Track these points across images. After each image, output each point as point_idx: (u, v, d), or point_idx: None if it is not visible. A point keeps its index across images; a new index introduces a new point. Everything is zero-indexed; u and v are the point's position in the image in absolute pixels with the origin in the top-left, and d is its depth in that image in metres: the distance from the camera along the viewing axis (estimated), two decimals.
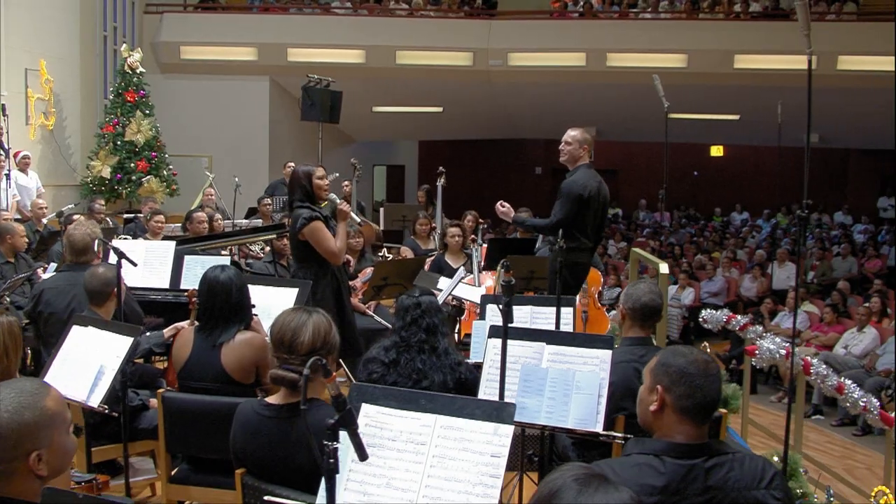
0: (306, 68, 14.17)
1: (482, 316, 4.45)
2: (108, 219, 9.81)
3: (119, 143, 13.34)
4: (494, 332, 3.39)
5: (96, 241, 4.84)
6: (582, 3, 16.33)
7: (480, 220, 10.88)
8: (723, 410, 3.61)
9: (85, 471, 3.87)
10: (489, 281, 7.48)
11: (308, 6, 16.65)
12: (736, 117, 17.05)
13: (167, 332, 4.63)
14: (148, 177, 13.27)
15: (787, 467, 3.99)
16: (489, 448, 2.29)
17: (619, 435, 3.06)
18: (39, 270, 7.49)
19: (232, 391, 3.61)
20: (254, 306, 3.99)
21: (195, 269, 5.57)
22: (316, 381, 2.79)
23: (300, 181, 5.06)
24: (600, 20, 16.02)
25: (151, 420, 4.04)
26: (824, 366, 5.05)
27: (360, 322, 6.84)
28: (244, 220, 10.10)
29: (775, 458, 4.75)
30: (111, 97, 13.71)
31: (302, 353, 2.74)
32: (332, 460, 1.98)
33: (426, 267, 8.24)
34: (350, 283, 7.23)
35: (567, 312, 4.33)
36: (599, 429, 3.04)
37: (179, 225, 9.55)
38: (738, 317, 6.12)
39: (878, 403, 4.87)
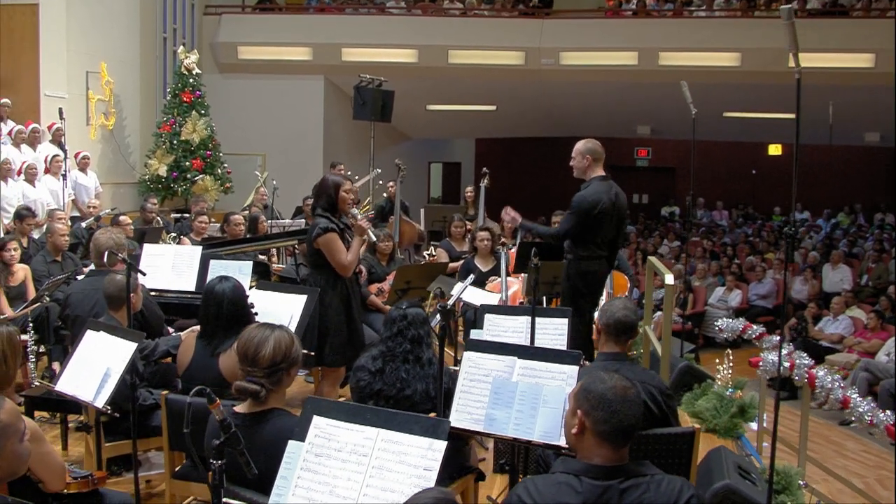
0: (360, 67, 14.43)
1: (480, 325, 4.57)
2: (158, 218, 10.15)
3: (175, 142, 13.78)
4: (471, 345, 3.53)
5: (117, 249, 5.09)
6: (636, 1, 16.26)
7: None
8: (697, 426, 3.69)
9: (95, 465, 4.13)
10: (516, 286, 7.61)
11: (363, 6, 16.90)
12: (792, 116, 16.78)
13: (184, 334, 4.87)
14: (202, 175, 13.67)
15: (772, 482, 4.02)
16: (423, 462, 2.45)
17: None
18: (85, 269, 7.89)
19: (229, 394, 3.81)
20: (256, 314, 4.19)
21: (219, 273, 5.80)
22: (278, 391, 2.98)
23: (327, 190, 5.20)
24: (652, 18, 15.94)
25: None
26: (830, 378, 5.04)
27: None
28: (287, 221, 10.36)
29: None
30: (168, 97, 14.14)
31: (263, 366, 2.93)
32: (217, 478, 2.15)
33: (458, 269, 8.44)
34: (379, 284, 7.44)
35: (562, 323, 4.43)
36: (563, 442, 3.15)
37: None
38: (754, 326, 6.11)
39: (885, 418, 4.85)
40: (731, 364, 6.84)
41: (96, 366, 3.78)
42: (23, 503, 2.41)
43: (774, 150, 20.82)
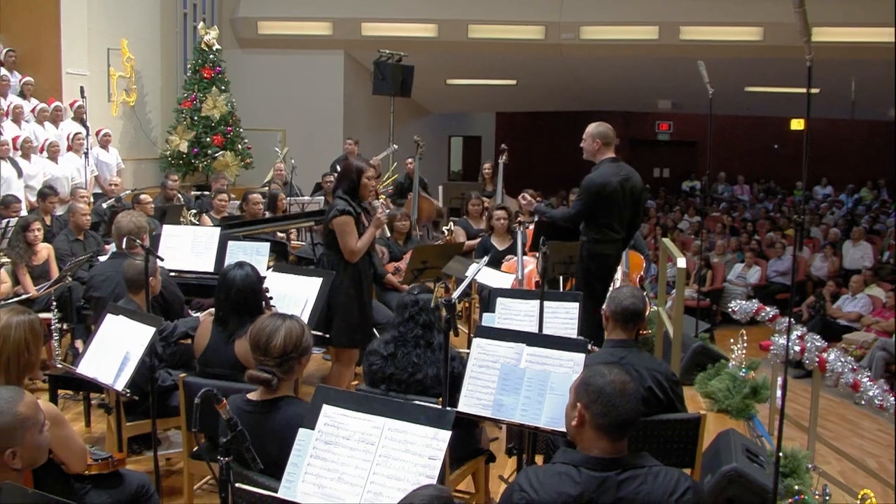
0: (380, 42, 14.44)
1: (492, 308, 4.63)
2: (178, 195, 10.24)
3: (196, 118, 13.88)
4: (481, 331, 3.60)
5: (138, 232, 5.19)
6: None
7: (538, 199, 11.00)
8: (703, 412, 3.75)
9: (116, 445, 4.25)
10: (532, 264, 7.66)
11: None
12: (815, 91, 16.64)
13: (202, 316, 4.97)
14: (222, 151, 13.78)
15: (779, 465, 4.07)
16: (428, 451, 2.52)
17: None
18: (107, 246, 8.01)
19: (244, 378, 3.91)
20: (271, 298, 4.28)
21: (237, 254, 5.91)
22: (289, 380, 3.07)
23: (350, 174, 5.26)
24: None
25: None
26: (842, 362, 5.06)
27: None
28: (307, 198, 10.43)
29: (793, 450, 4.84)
30: (189, 73, 14.22)
31: (275, 355, 3.01)
32: (224, 474, 2.24)
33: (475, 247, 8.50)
34: (396, 263, 7.51)
35: (573, 308, 4.48)
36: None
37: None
38: (768, 308, 6.13)
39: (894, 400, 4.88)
40: (744, 344, 6.87)
41: (116, 349, 3.87)
42: (45, 496, 2.50)
43: (797, 124, 20.65)
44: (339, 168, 12.34)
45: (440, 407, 2.73)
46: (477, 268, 5.36)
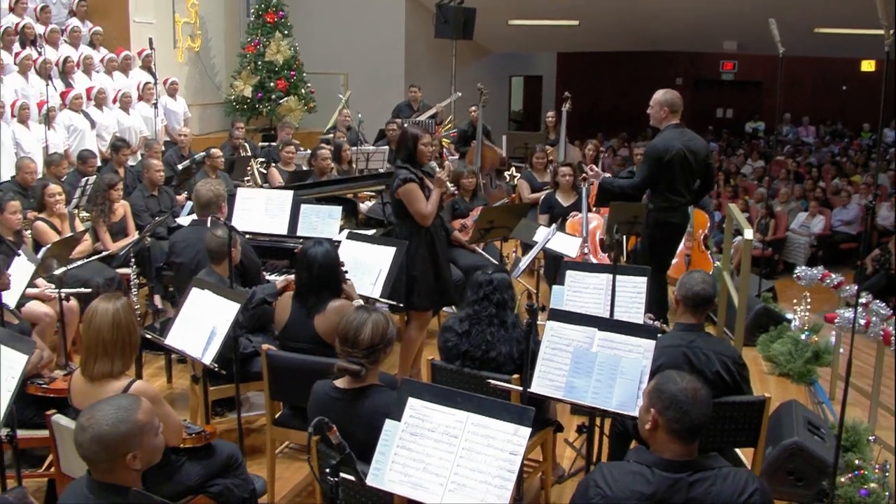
0: None
1: (561, 281, 4.74)
2: (245, 144, 10.42)
3: (259, 63, 14.02)
4: (553, 314, 3.72)
5: (217, 200, 5.39)
6: None
7: (602, 149, 11.00)
8: (767, 395, 3.84)
9: (203, 411, 4.49)
10: (595, 221, 7.73)
11: None
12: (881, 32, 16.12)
13: (279, 283, 5.16)
14: (287, 98, 13.94)
15: (841, 439, 4.17)
16: (509, 446, 2.68)
17: None
18: (180, 197, 8.27)
19: (323, 352, 4.10)
20: (346, 272, 4.45)
21: (310, 217, 6.08)
22: (374, 369, 3.24)
23: (407, 143, 5.37)
24: None
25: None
26: None
27: (469, 259, 7.27)
28: (371, 147, 10.54)
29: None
30: (252, 18, 14.32)
31: (363, 347, 3.18)
32: (334, 494, 2.41)
33: (539, 202, 8.58)
34: (462, 220, 7.64)
35: (641, 282, 4.56)
36: (637, 413, 3.34)
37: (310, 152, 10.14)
38: (833, 275, 6.13)
39: None
40: (808, 305, 6.88)
41: (203, 323, 4.07)
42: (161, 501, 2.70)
43: (867, 66, 20.05)
44: (410, 104, 12.50)
45: (520, 405, 2.85)
46: (546, 235, 5.49)
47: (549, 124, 12.00)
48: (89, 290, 6.14)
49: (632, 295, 4.54)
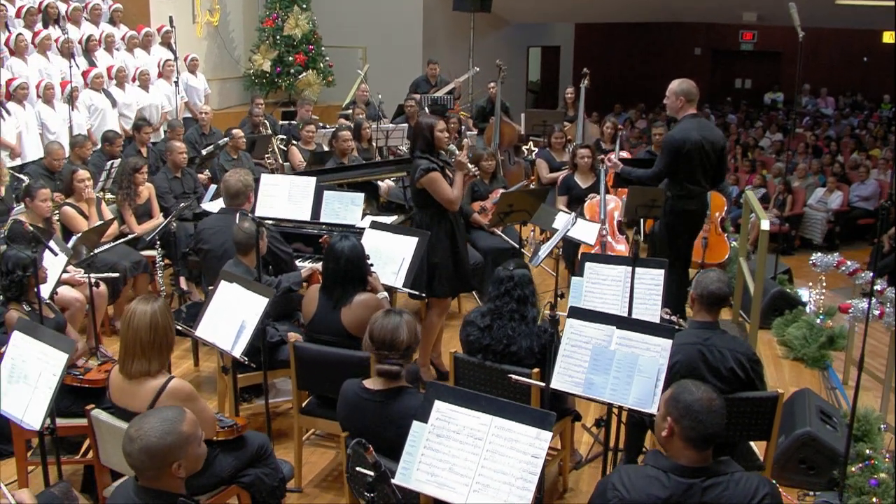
0: None
1: (580, 272, 4.84)
2: (265, 121, 10.49)
3: (278, 37, 14.07)
4: (573, 312, 3.83)
5: (245, 190, 5.51)
6: None
7: (620, 127, 11.02)
8: (780, 391, 3.94)
9: (231, 402, 4.64)
10: (613, 202, 7.80)
11: None
12: None
13: (304, 272, 5.31)
14: (305, 73, 14.00)
15: (852, 428, 4.28)
16: (531, 449, 2.80)
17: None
18: (202, 176, 8.41)
19: (349, 344, 4.25)
20: (371, 265, 4.57)
21: (333, 204, 6.20)
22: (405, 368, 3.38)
23: (423, 132, 5.46)
24: None
25: (288, 353, 4.72)
26: None
27: (488, 241, 7.39)
28: (391, 125, 10.62)
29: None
30: None
31: (401, 349, 3.32)
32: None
33: (558, 183, 8.65)
34: (482, 202, 7.74)
35: (658, 275, 4.65)
36: (654, 410, 3.46)
37: (332, 130, 10.23)
38: (849, 262, 6.19)
39: None
40: (823, 290, 6.96)
41: (232, 316, 4.20)
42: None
43: (889, 37, 19.83)
44: (428, 79, 12.52)
45: (543, 410, 2.98)
46: (566, 223, 5.58)
47: (567, 101, 12.04)
48: (117, 274, 6.30)
49: (649, 287, 4.63)
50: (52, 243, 5.06)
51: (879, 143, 16.06)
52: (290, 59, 14.11)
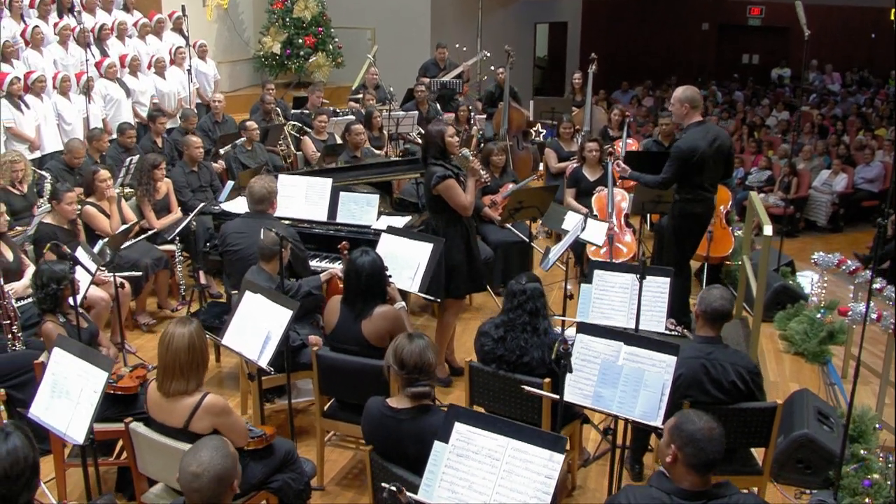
0: None
1: (589, 280, 5.04)
2: (277, 108, 10.64)
3: (288, 19, 14.18)
4: (583, 328, 4.04)
5: (269, 196, 5.71)
6: None
7: (627, 114, 11.16)
8: (778, 402, 4.16)
9: (257, 403, 4.87)
10: (620, 195, 7.99)
11: None
12: None
13: (323, 276, 5.52)
14: (315, 55, 14.13)
15: (848, 429, 4.50)
16: (545, 470, 3.02)
17: None
18: (216, 166, 8.59)
19: (370, 353, 4.47)
20: (390, 276, 4.78)
21: (349, 205, 6.39)
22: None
23: (434, 140, 5.63)
24: None
25: (310, 356, 4.93)
26: None
27: (498, 235, 7.59)
28: (401, 113, 10.76)
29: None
30: None
31: (429, 371, 3.53)
32: None
33: (567, 173, 8.84)
34: (492, 196, 7.92)
35: (664, 283, 4.85)
36: (659, 423, 3.68)
37: (344, 119, 10.40)
38: (849, 261, 6.38)
39: None
40: (825, 284, 7.15)
41: (258, 327, 4.41)
42: None
43: None
44: (437, 62, 12.62)
45: (556, 434, 3.20)
46: (575, 227, 5.77)
47: (575, 86, 12.15)
48: (140, 273, 6.52)
49: (655, 295, 4.83)
50: (81, 253, 5.27)
51: (886, 123, 16.13)
52: (300, 41, 14.22)
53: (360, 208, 6.35)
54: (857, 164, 13.75)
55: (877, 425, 5.11)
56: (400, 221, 6.41)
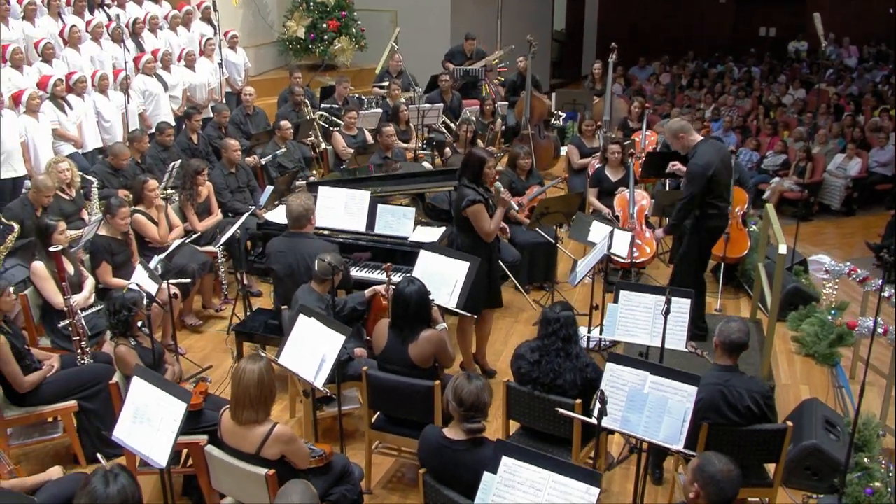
0: None
1: (616, 299, 5.44)
2: (306, 100, 10.94)
3: (311, 4, 14.45)
4: (612, 358, 4.45)
5: (307, 213, 6.09)
6: None
7: (647, 105, 11.46)
8: (789, 424, 4.56)
9: (311, 412, 5.29)
10: (644, 200, 8.34)
11: None
12: None
13: (367, 293, 5.93)
14: (339, 41, 14.40)
15: (854, 437, 4.91)
16: (582, 501, 3.44)
17: (692, 453, 4.07)
18: (250, 160, 8.96)
19: (417, 374, 4.90)
20: (433, 300, 5.18)
21: (386, 217, 6.78)
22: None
23: (474, 165, 6.03)
24: None
25: (357, 368, 5.34)
26: None
27: (526, 236, 7.97)
28: (426, 105, 11.08)
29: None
30: None
31: (485, 411, 3.94)
32: None
33: (589, 172, 9.18)
34: (518, 198, 8.29)
35: (686, 304, 5.24)
36: (681, 447, 4.10)
37: (372, 112, 10.73)
38: (860, 270, 6.73)
39: None
40: (835, 287, 7.49)
41: (313, 350, 4.79)
42: None
43: None
44: (463, 51, 12.88)
45: (593, 469, 3.61)
46: (601, 243, 6.14)
47: (595, 75, 12.43)
48: (189, 280, 6.94)
49: (676, 315, 5.21)
50: (140, 271, 5.71)
51: None
52: (324, 25, 14.50)
53: (398, 220, 6.73)
54: (871, 148, 13.95)
55: (880, 432, 5.50)
56: (435, 233, 6.79)
